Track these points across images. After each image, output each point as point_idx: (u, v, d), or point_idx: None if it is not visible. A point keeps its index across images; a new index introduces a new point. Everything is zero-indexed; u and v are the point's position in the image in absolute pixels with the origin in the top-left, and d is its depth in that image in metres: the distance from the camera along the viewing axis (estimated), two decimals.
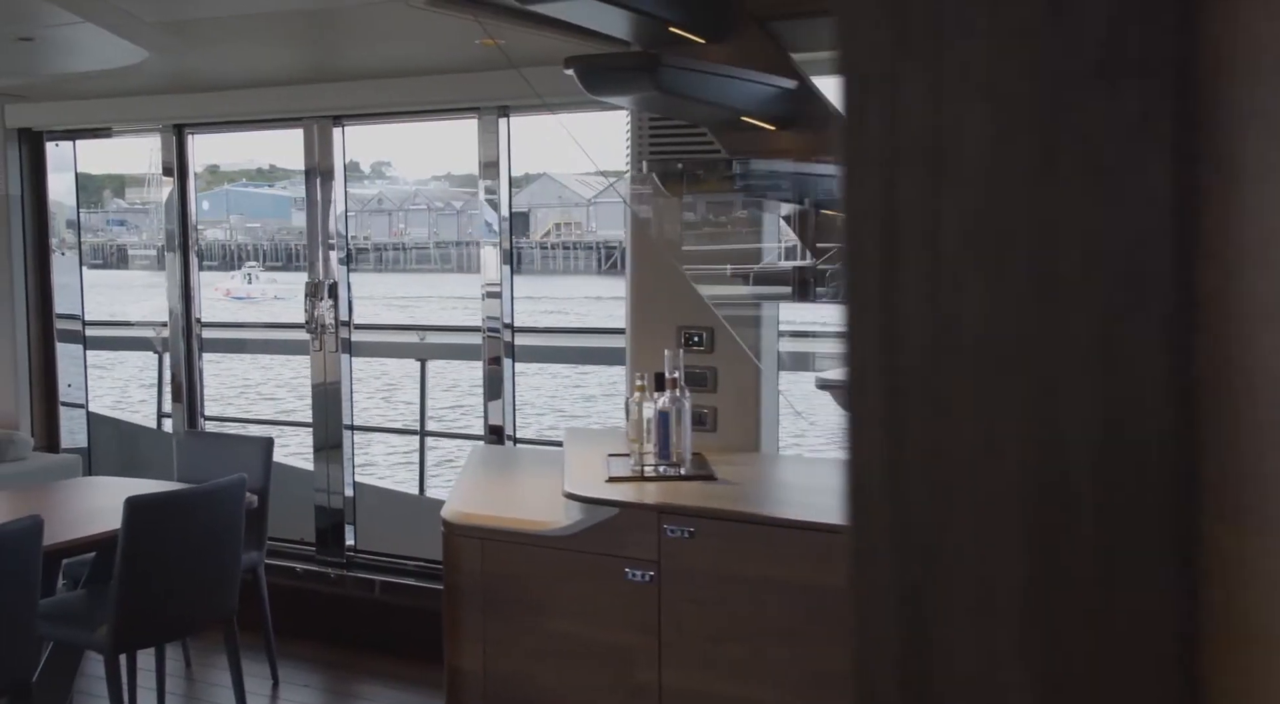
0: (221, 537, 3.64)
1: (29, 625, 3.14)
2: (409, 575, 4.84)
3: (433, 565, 4.81)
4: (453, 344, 6.28)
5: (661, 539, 2.96)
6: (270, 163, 54.79)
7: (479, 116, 4.52)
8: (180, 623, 3.61)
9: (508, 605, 3.18)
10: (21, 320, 5.37)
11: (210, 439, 4.47)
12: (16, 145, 5.33)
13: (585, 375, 18.14)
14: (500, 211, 4.60)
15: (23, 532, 3.07)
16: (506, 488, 3.68)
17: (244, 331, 7.08)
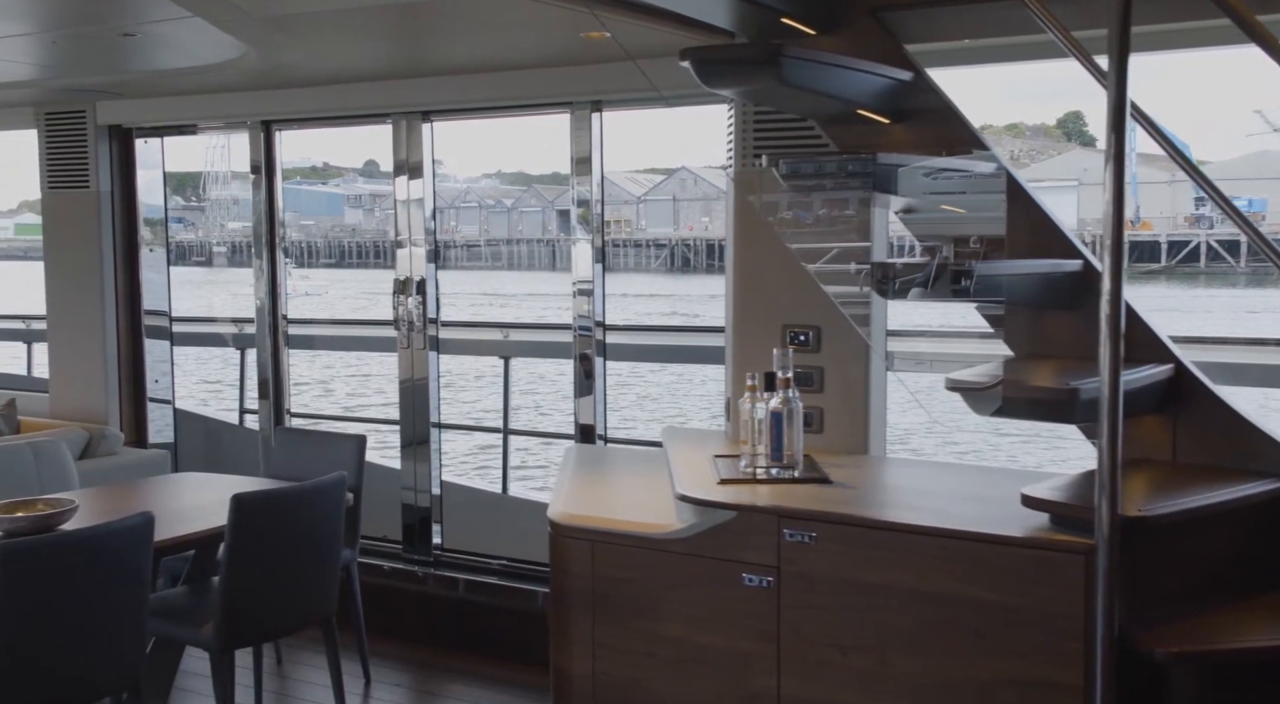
0: (322, 535, 3.62)
1: (140, 622, 3.13)
2: (493, 574, 4.81)
3: (516, 564, 4.79)
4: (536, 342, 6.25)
5: (781, 543, 2.87)
6: (324, 161, 55.25)
7: (571, 111, 4.47)
8: (283, 621, 3.60)
9: (618, 609, 3.11)
10: (111, 316, 5.41)
11: (303, 436, 4.46)
12: (107, 142, 5.36)
13: (639, 375, 18.10)
14: (593, 208, 4.54)
15: (135, 528, 3.06)
16: (610, 489, 3.62)
17: (327, 329, 7.11)
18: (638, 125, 69.63)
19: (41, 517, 3.43)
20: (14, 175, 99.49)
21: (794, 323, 3.68)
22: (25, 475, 4.48)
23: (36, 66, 4.58)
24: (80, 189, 5.35)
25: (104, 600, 3.00)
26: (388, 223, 50.40)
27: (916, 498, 3.07)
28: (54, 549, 2.91)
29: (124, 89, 5.03)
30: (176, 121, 5.34)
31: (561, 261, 48.18)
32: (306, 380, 17.67)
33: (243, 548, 3.38)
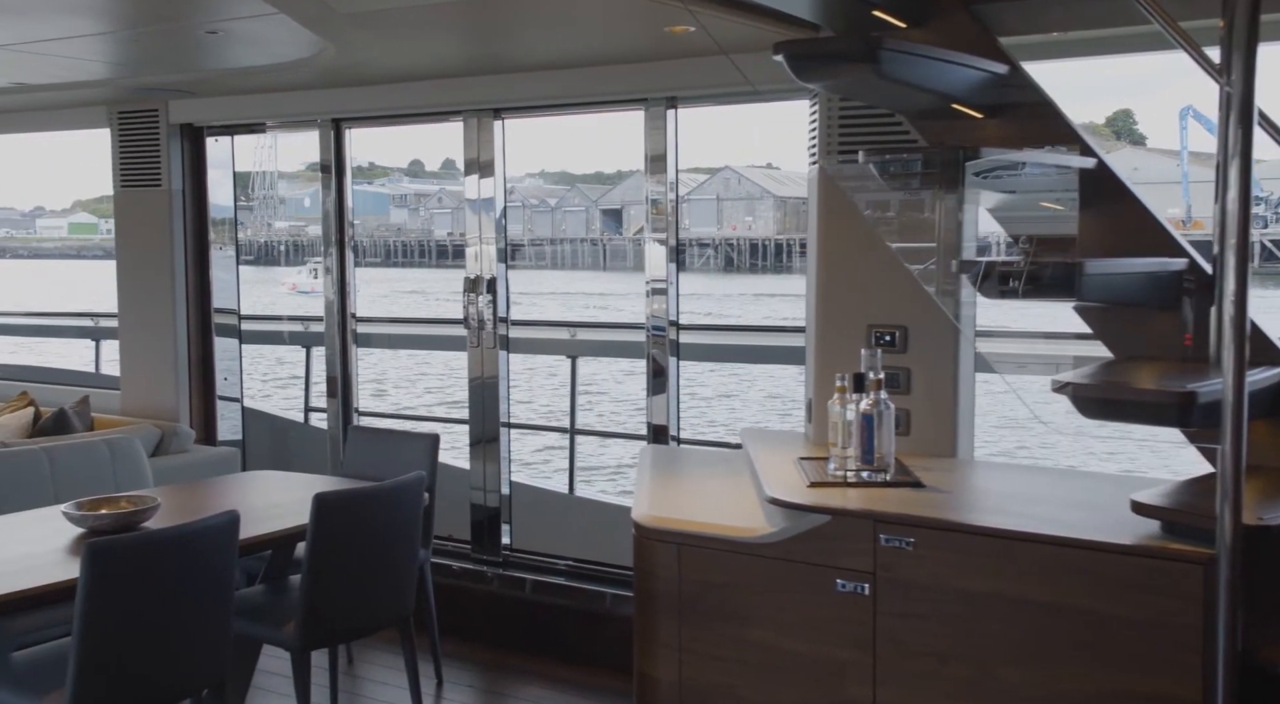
0: (402, 535, 3.60)
1: (225, 622, 3.12)
2: (561, 575, 4.77)
3: (584, 565, 4.75)
4: (603, 341, 6.21)
5: (877, 549, 2.80)
6: (370, 160, 55.74)
7: (646, 108, 4.41)
8: (363, 621, 3.57)
9: (706, 613, 3.05)
10: (182, 314, 5.43)
11: (375, 435, 4.44)
12: (179, 140, 5.39)
13: (688, 376, 17.98)
14: (667, 207, 4.48)
15: (221, 527, 3.05)
16: (692, 490, 3.56)
17: (398, 327, 7.13)
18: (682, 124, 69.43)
19: (125, 514, 3.44)
20: (68, 176, 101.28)
21: (879, 323, 3.61)
22: (101, 472, 4.50)
23: (111, 64, 4.61)
24: (152, 187, 5.38)
25: (191, 599, 2.99)
26: (432, 222, 50.50)
27: (1016, 503, 2.98)
28: (143, 547, 2.90)
29: (197, 88, 5.05)
30: (247, 120, 5.35)
31: (605, 261, 48.28)
32: (381, 377, 17.79)
33: (324, 547, 3.36)
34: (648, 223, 4.52)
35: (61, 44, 4.10)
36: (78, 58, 4.35)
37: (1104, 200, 3.00)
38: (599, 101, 4.55)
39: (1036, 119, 3.13)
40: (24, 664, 3.08)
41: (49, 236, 52.64)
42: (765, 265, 45.41)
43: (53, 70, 4.61)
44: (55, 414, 4.92)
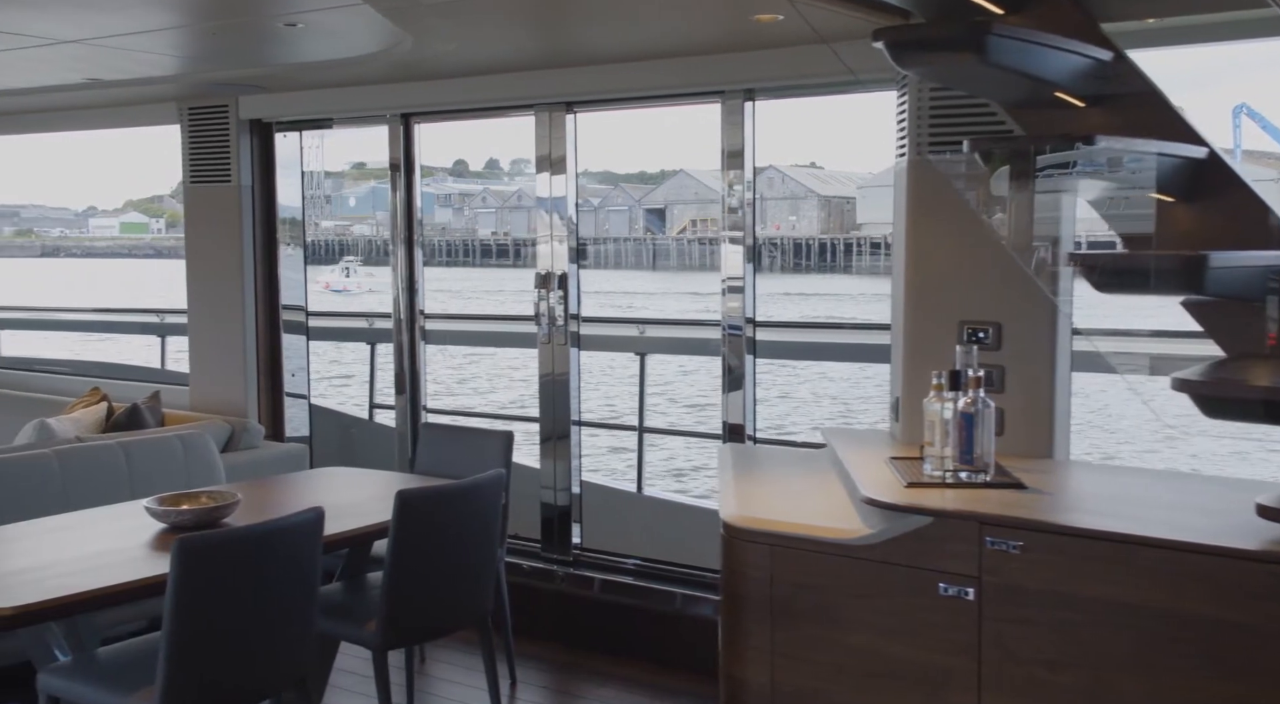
0: (481, 534, 3.55)
1: (309, 619, 3.08)
2: (631, 574, 4.71)
3: (654, 565, 4.69)
4: (672, 338, 6.14)
5: (983, 552, 2.71)
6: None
7: (723, 101, 4.33)
8: (444, 620, 3.53)
9: (800, 616, 2.97)
10: (250, 310, 5.43)
11: (448, 432, 4.40)
12: (248, 136, 5.39)
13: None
14: (744, 203, 4.40)
15: (307, 523, 3.01)
16: (778, 490, 3.47)
17: (463, 323, 7.12)
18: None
19: (206, 509, 3.42)
20: (119, 176, 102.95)
21: (972, 319, 3.50)
22: (174, 468, 4.50)
23: (184, 59, 4.60)
24: (222, 183, 5.39)
25: (277, 596, 2.95)
26: (476, 221, 50.62)
27: (1127, 506, 2.87)
28: (231, 544, 2.87)
29: (268, 82, 5.04)
30: (315, 115, 5.34)
31: (649, 260, 48.21)
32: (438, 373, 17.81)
33: (406, 546, 3.32)
34: (724, 221, 4.43)
35: (137, 38, 4.09)
36: (152, 52, 4.34)
37: (1214, 192, 2.88)
38: (674, 94, 4.48)
39: (1142, 108, 3.01)
40: (110, 660, 3.06)
41: (101, 236, 53.50)
42: (809, 265, 45.16)
43: (126, 65, 4.62)
44: (128, 409, 4.93)
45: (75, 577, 2.95)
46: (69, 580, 2.91)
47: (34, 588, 2.85)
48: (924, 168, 3.55)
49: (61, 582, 2.90)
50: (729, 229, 4.42)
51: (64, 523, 3.52)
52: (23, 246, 47.73)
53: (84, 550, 3.23)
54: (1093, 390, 14.35)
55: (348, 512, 3.71)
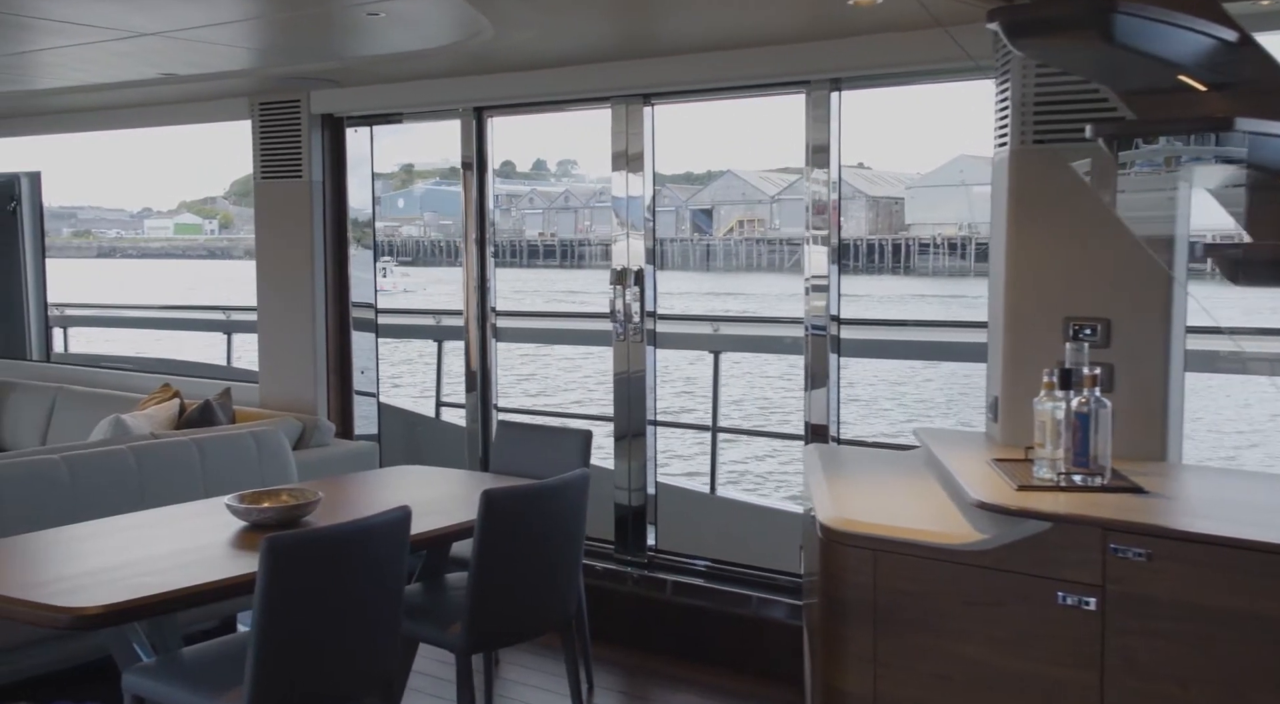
0: (566, 535, 3.45)
1: (395, 622, 3.01)
2: (707, 577, 4.61)
3: (727, 567, 4.58)
4: (746, 336, 6.03)
5: (1107, 560, 2.56)
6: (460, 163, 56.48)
7: (808, 92, 4.20)
8: (529, 624, 3.44)
9: (905, 624, 2.84)
10: (321, 306, 5.39)
11: (524, 431, 4.31)
12: (320, 131, 5.35)
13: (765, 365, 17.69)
14: (830, 197, 4.26)
15: (394, 523, 2.94)
16: (875, 493, 3.34)
17: (537, 321, 7.05)
18: (772, 122, 68.97)
19: (287, 508, 3.35)
20: (174, 177, 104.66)
21: (1078, 316, 3.35)
22: (248, 465, 4.46)
23: (258, 52, 4.56)
24: (293, 179, 5.35)
25: (365, 597, 2.88)
26: (524, 222, 50.97)
27: (1259, 513, 2.71)
28: (320, 543, 2.80)
29: (339, 76, 4.99)
30: (388, 109, 5.28)
31: (697, 261, 48.03)
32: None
33: (492, 546, 3.23)
34: (808, 220, 4.30)
35: (214, 30, 4.05)
36: (228, 45, 4.30)
37: None
38: (756, 85, 4.35)
39: (1266, 93, 2.85)
40: (195, 660, 3.00)
41: (155, 237, 54.35)
42: (857, 266, 44.80)
43: (202, 59, 4.59)
44: (201, 406, 4.91)
45: (161, 575, 2.89)
46: (155, 579, 2.85)
47: (120, 586, 2.80)
48: (1027, 158, 3.40)
49: (147, 580, 2.85)
50: (813, 228, 4.28)
51: (145, 520, 3.47)
52: (80, 248, 48.63)
53: (167, 548, 3.18)
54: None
55: (427, 511, 3.62)
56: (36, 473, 3.90)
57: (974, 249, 41.47)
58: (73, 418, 5.70)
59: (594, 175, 54.84)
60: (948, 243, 42.63)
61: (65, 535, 3.30)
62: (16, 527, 3.65)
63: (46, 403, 5.85)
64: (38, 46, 4.22)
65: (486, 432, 5.15)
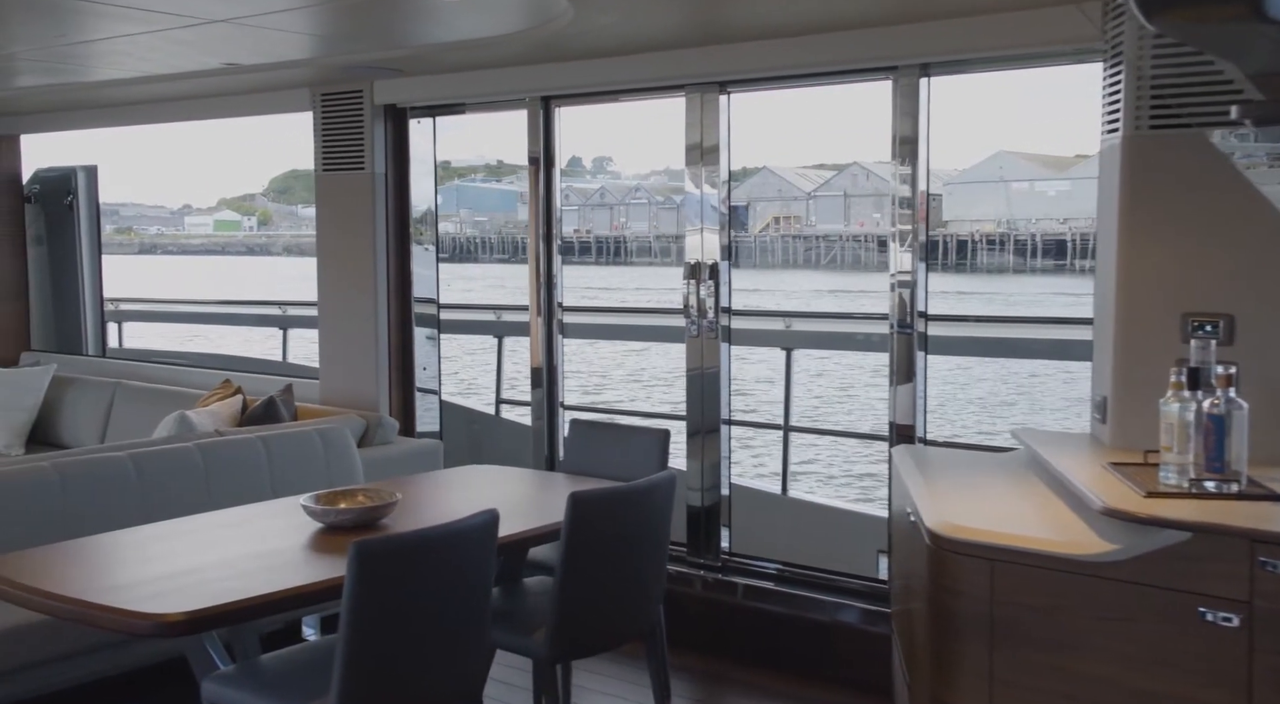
0: (652, 539, 3.31)
1: (483, 630, 2.88)
2: (782, 581, 4.46)
3: (802, 571, 4.42)
4: (821, 332, 5.86)
5: (1255, 574, 2.38)
6: (498, 159, 56.91)
7: (895, 77, 4.03)
8: (614, 631, 3.30)
9: (1027, 640, 2.67)
10: (383, 301, 5.28)
11: (600, 429, 4.17)
12: (383, 122, 5.23)
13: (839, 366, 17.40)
14: (917, 189, 4.08)
15: (482, 526, 2.81)
16: (980, 497, 3.17)
17: (610, 317, 6.94)
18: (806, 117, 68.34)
19: (366, 509, 3.23)
20: (213, 174, 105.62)
21: (1197, 311, 3.16)
22: (314, 463, 4.36)
23: (321, 39, 4.44)
24: (356, 171, 5.24)
25: (452, 603, 2.75)
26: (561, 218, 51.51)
27: None
28: (410, 548, 2.67)
29: (406, 65, 4.86)
30: (453, 99, 5.15)
31: (732, 258, 47.74)
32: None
33: (580, 550, 3.10)
34: (894, 215, 4.13)
35: (280, 17, 3.94)
36: (293, 31, 4.19)
37: None
38: (839, 71, 4.18)
39: None
40: (277, 668, 2.89)
41: (195, 234, 54.81)
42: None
43: (265, 47, 4.48)
44: (264, 402, 4.81)
45: (242, 579, 2.78)
46: (236, 583, 2.74)
47: (201, 591, 2.69)
48: (1142, 145, 3.21)
49: (229, 585, 2.73)
50: (899, 224, 4.11)
51: (218, 521, 3.37)
52: (122, 244, 49.09)
53: (243, 550, 3.07)
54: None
55: (505, 513, 3.49)
56: (104, 471, 3.81)
57: (1013, 246, 41.01)
58: (132, 414, 5.64)
59: (629, 172, 54.75)
60: (986, 240, 42.28)
61: (139, 536, 3.20)
62: (87, 525, 3.57)
63: (105, 399, 5.79)
64: (104, 34, 4.13)
65: (553, 429, 5.02)
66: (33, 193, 6.99)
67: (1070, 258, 39.91)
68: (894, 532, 3.75)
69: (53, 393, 5.94)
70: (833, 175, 50.59)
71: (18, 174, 6.98)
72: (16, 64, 5.00)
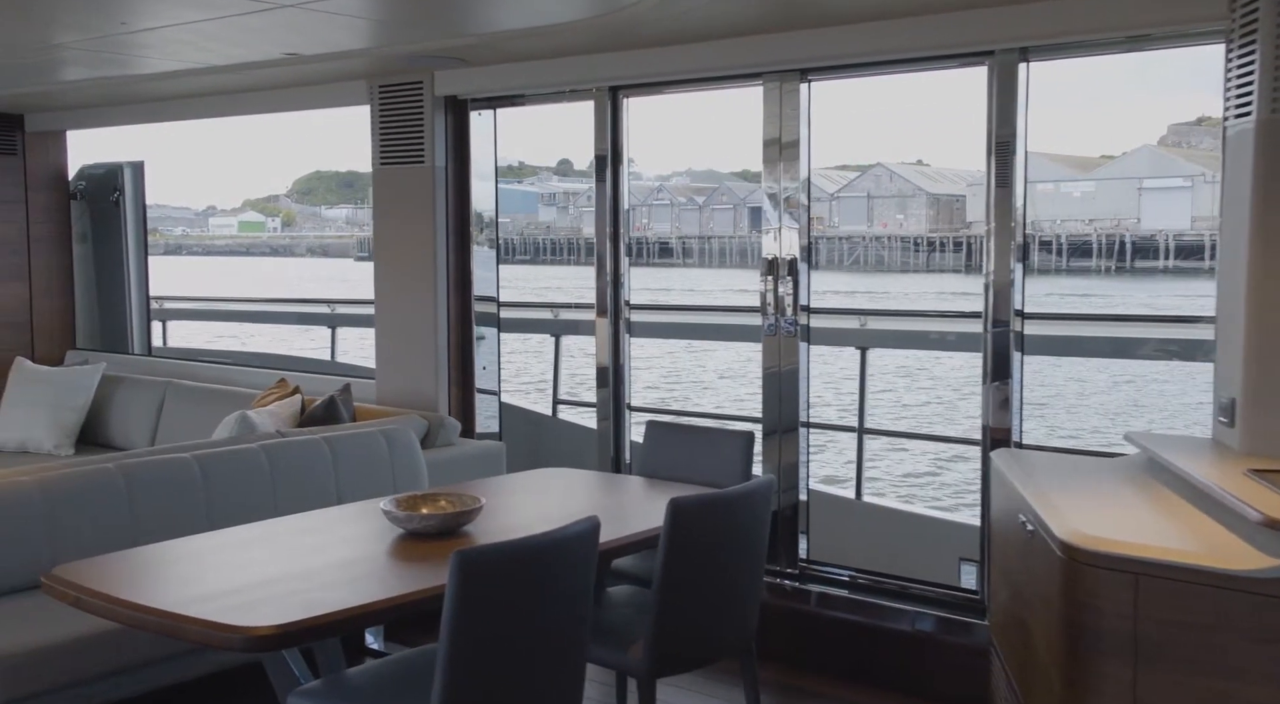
0: (751, 548, 3.13)
1: (581, 645, 2.71)
2: (853, 588, 4.28)
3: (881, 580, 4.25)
4: (897, 331, 5.67)
5: None
6: (519, 160, 56.77)
7: (993, 62, 3.83)
8: (713, 645, 3.12)
9: (1176, 661, 2.48)
10: (443, 299, 5.11)
11: (678, 431, 3.99)
12: (443, 114, 5.07)
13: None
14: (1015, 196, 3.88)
15: (585, 535, 2.64)
16: (1107, 506, 2.97)
17: (675, 315, 6.76)
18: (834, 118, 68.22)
19: (451, 515, 3.07)
20: (237, 176, 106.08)
21: None
22: (379, 465, 4.21)
23: (384, 25, 4.29)
24: (415, 165, 5.08)
25: (554, 616, 2.58)
26: (581, 220, 51.39)
27: None
28: (513, 557, 2.50)
29: (467, 54, 4.70)
30: (517, 90, 4.98)
31: (754, 259, 47.63)
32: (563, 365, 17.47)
33: (679, 559, 2.92)
34: (988, 213, 3.92)
35: (344, 1, 3.79)
36: (359, 16, 4.03)
37: None
38: (929, 57, 3.99)
39: None
40: (365, 683, 2.73)
41: (220, 235, 55.01)
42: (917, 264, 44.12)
43: (326, 36, 4.33)
44: (325, 402, 4.65)
45: (331, 590, 2.62)
46: (326, 595, 2.58)
47: (289, 602, 2.53)
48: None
49: (319, 596, 2.57)
50: (994, 221, 3.91)
51: (294, 526, 3.21)
52: (149, 244, 49.27)
53: (326, 558, 2.91)
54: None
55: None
56: (170, 473, 3.67)
57: (1037, 246, 40.76)
58: (183, 414, 5.50)
59: (651, 173, 54.53)
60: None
61: (215, 542, 3.05)
62: (155, 528, 3.44)
63: (155, 398, 5.65)
64: (167, 21, 3.98)
65: (619, 431, 4.85)
66: (78, 189, 6.88)
67: (1095, 259, 39.62)
68: (995, 540, 3.56)
69: (101, 392, 5.81)
70: (857, 176, 50.35)
71: (64, 170, 6.87)
72: (66, 55, 4.86)
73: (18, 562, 3.30)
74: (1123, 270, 38.51)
